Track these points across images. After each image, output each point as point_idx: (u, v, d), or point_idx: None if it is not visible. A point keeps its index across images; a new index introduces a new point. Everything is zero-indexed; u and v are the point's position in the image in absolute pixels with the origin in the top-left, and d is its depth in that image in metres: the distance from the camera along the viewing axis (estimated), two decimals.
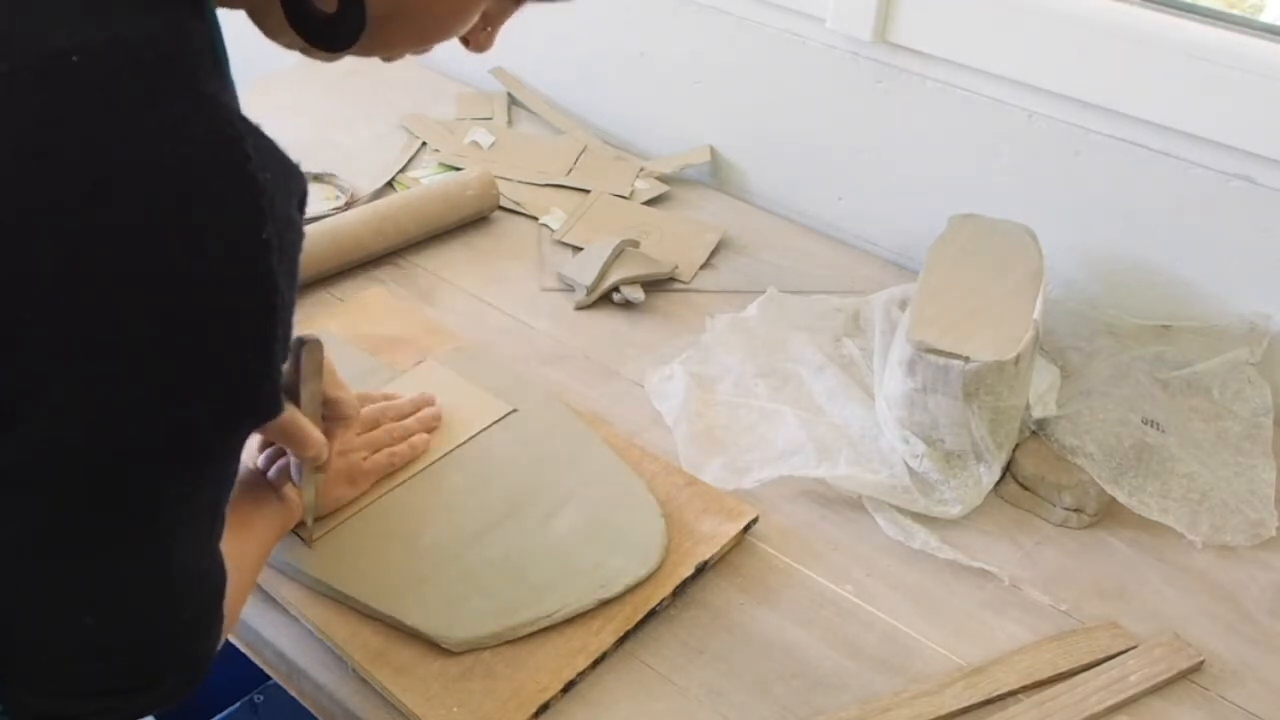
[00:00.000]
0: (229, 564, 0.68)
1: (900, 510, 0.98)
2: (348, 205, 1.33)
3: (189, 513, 0.62)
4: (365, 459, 0.94)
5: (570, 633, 0.85)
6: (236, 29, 0.65)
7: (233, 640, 0.91)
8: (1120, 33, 1.10)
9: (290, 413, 0.81)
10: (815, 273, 1.30)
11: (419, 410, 1.01)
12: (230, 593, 0.68)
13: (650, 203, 1.40)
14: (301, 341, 0.81)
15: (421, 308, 1.20)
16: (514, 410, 1.04)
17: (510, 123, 1.55)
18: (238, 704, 1.22)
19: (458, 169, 1.41)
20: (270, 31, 0.65)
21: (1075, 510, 1.00)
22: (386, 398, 1.01)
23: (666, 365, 1.13)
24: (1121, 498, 0.99)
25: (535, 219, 1.36)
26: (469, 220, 1.34)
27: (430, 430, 1.00)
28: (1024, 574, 0.95)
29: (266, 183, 0.54)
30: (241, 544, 0.78)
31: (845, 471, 0.99)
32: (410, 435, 0.98)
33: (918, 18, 1.22)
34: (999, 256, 1.09)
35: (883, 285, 1.24)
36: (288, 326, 0.58)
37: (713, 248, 1.32)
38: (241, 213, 0.53)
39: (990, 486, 1.00)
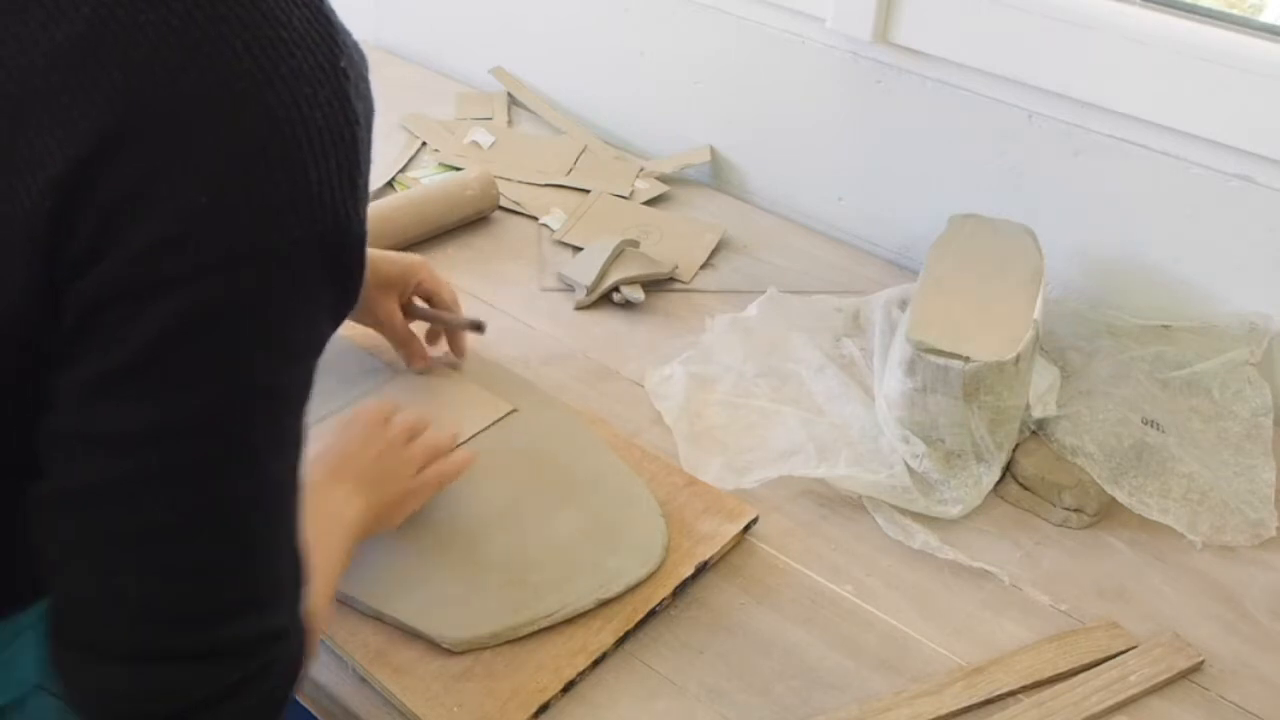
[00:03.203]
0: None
1: (900, 510, 0.98)
2: None
3: (271, 442, 0.59)
4: (413, 477, 0.89)
5: (570, 633, 0.85)
6: None
7: None
8: (1120, 33, 1.10)
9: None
10: (815, 273, 1.30)
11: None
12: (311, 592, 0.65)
13: (650, 203, 1.40)
14: None
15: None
16: (514, 410, 1.04)
17: (510, 123, 1.55)
18: None
19: (458, 169, 1.41)
20: None
21: (1075, 510, 1.00)
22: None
23: (666, 365, 1.13)
24: (1121, 498, 0.99)
25: (535, 219, 1.36)
26: (469, 220, 1.34)
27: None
28: (1024, 574, 0.95)
29: (339, 22, 0.58)
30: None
31: (845, 471, 0.99)
32: (451, 450, 0.93)
33: (918, 18, 1.22)
34: (999, 256, 1.09)
35: (883, 285, 1.24)
36: (367, 174, 0.60)
37: (713, 248, 1.32)
38: (319, 41, 0.56)
39: (990, 486, 1.00)
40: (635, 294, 1.22)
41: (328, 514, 0.80)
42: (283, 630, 0.62)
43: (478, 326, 1.08)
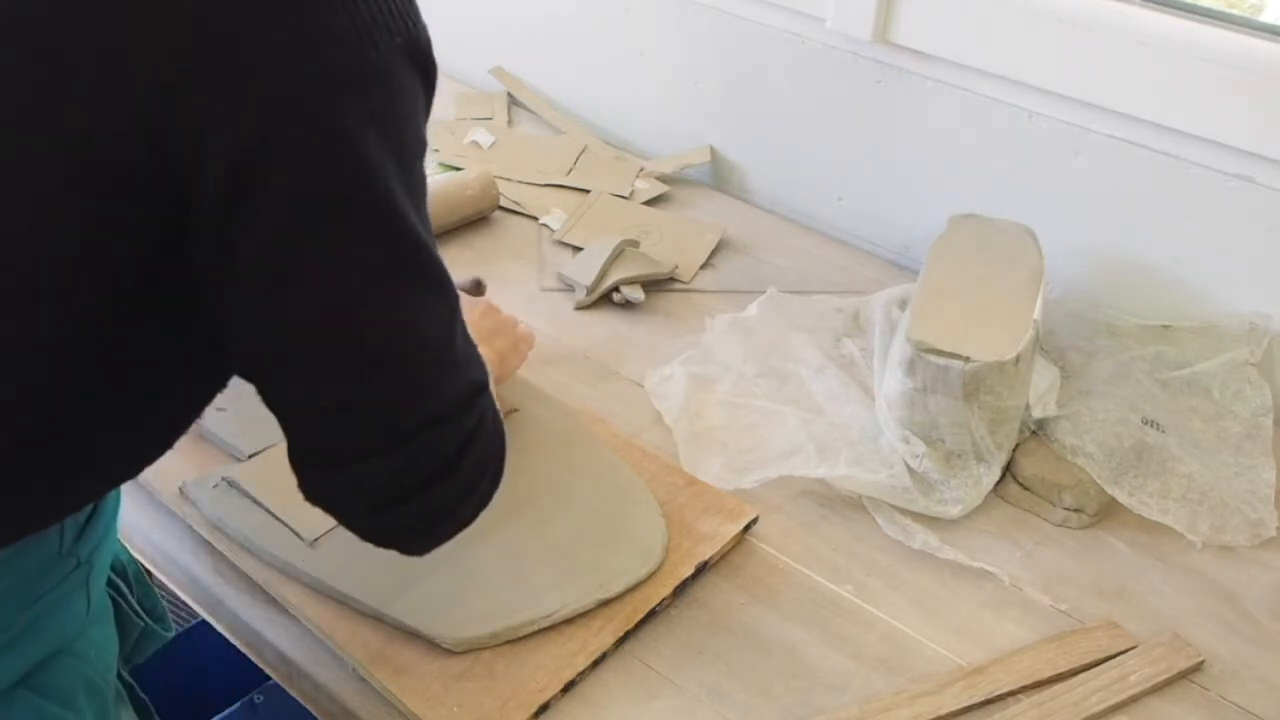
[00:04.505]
0: None
1: (900, 510, 0.98)
2: None
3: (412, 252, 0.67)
4: (514, 331, 1.04)
5: (570, 633, 0.85)
6: None
7: (232, 640, 0.91)
8: (1120, 33, 1.10)
9: None
10: (815, 273, 1.30)
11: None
12: None
13: (650, 203, 1.40)
14: None
15: None
16: (514, 410, 1.04)
17: (510, 123, 1.55)
18: (238, 704, 1.22)
19: (458, 169, 1.41)
20: None
21: (1075, 510, 1.00)
22: None
23: (666, 365, 1.13)
24: (1121, 498, 0.99)
25: (535, 219, 1.36)
26: (469, 220, 1.34)
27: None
28: (1024, 574, 0.95)
29: None
30: None
31: (845, 471, 0.99)
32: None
33: (918, 18, 1.22)
34: (999, 256, 1.09)
35: (883, 285, 1.24)
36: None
37: (713, 248, 1.32)
38: None
39: (990, 486, 1.00)
40: (635, 294, 1.22)
41: None
42: (480, 385, 0.71)
43: (479, 286, 1.09)
